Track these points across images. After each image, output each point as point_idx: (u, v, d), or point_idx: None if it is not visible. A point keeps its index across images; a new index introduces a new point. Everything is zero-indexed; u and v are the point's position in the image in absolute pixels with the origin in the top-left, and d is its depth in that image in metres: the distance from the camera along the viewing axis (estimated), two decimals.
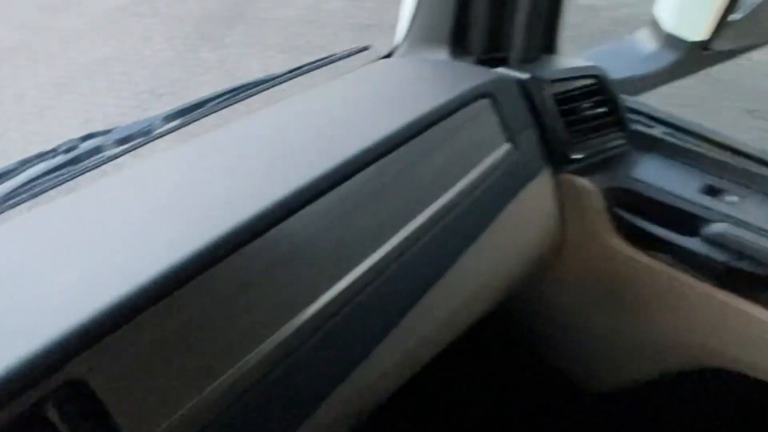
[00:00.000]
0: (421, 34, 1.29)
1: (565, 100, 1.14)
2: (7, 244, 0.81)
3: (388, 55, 1.32)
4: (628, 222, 1.15)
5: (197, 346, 0.73)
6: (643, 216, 1.14)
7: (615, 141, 1.18)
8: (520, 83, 1.12)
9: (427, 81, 1.16)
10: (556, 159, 1.16)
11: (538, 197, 1.16)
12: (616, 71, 1.25)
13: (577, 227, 1.21)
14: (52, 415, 0.62)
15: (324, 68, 1.33)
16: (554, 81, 1.13)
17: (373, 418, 0.98)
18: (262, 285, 0.79)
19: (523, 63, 1.19)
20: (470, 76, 1.11)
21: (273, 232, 0.80)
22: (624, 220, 1.16)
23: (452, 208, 1.00)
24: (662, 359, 1.29)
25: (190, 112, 1.17)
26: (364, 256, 0.88)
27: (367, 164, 0.91)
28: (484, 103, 1.07)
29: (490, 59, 1.22)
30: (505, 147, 1.09)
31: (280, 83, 1.25)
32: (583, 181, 1.17)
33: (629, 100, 1.24)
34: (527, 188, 1.13)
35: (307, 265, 0.83)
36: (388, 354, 0.92)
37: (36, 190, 0.98)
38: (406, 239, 0.93)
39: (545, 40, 1.22)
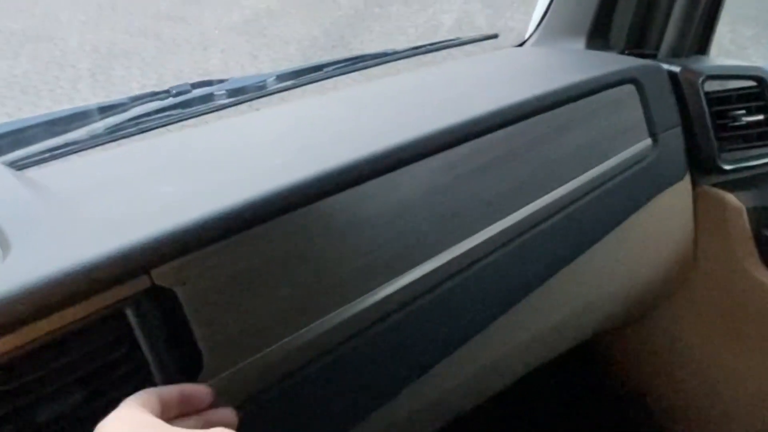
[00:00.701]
0: (556, 24, 1.20)
1: (719, 101, 1.02)
2: (120, 162, 0.76)
3: (521, 45, 1.24)
4: None
5: (300, 280, 0.64)
6: None
7: None
8: (671, 75, 1.01)
9: (566, 66, 1.06)
10: (701, 166, 1.03)
11: (674, 206, 1.04)
12: None
13: (713, 248, 1.07)
14: (132, 317, 0.54)
15: (447, 52, 1.26)
16: (710, 77, 1.01)
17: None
18: (375, 229, 0.69)
19: (674, 58, 1.07)
20: (615, 62, 1.00)
21: (392, 175, 0.71)
22: None
23: (579, 197, 0.89)
24: None
25: (306, 74, 1.11)
26: (481, 225, 0.78)
27: (494, 129, 0.81)
28: (629, 89, 0.96)
29: (634, 53, 1.11)
30: (646, 143, 0.98)
31: (400, 59, 1.18)
32: (729, 197, 1.03)
33: None
34: (664, 194, 1.01)
35: (424, 221, 0.73)
36: (489, 343, 0.81)
37: (143, 126, 0.94)
38: (524, 220, 0.83)
39: (698, 39, 1.11)
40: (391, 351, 0.70)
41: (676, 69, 1.01)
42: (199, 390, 0.52)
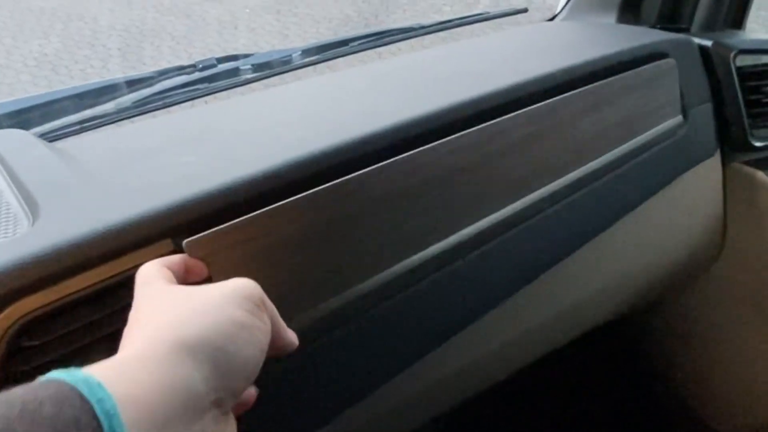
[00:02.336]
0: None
1: (752, 76, 1.00)
2: (147, 135, 0.76)
3: (551, 20, 1.22)
4: None
5: (345, 242, 0.64)
6: None
7: None
8: (703, 49, 0.99)
9: (595, 40, 1.04)
10: (732, 143, 1.01)
11: (703, 184, 1.02)
12: None
13: (743, 227, 1.05)
14: None
15: (476, 26, 1.25)
16: (742, 52, 0.99)
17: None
18: (414, 199, 0.69)
19: (706, 32, 1.05)
20: (645, 36, 0.98)
21: (426, 149, 0.71)
22: None
23: (607, 173, 0.88)
24: None
25: (332, 49, 1.10)
26: (511, 196, 0.78)
27: (521, 102, 0.80)
28: (660, 65, 0.95)
29: (666, 28, 1.09)
30: (677, 118, 0.96)
31: (427, 34, 1.17)
32: (760, 174, 1.02)
33: None
34: (693, 171, 0.99)
35: (457, 192, 0.73)
36: (515, 316, 0.81)
37: (169, 100, 0.95)
38: (556, 192, 0.82)
39: (733, 13, 1.08)
40: (417, 318, 0.71)
41: (708, 43, 0.99)
42: (198, 264, 0.53)
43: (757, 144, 1.00)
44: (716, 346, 1.20)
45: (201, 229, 0.56)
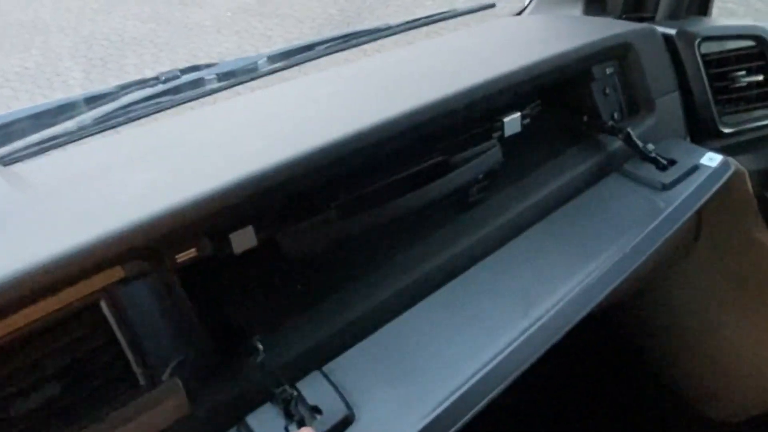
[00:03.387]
0: None
1: (718, 63, 0.99)
2: (105, 153, 0.76)
3: (519, 14, 1.21)
4: None
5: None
6: None
7: None
8: (666, 38, 0.98)
9: (563, 34, 1.03)
10: (700, 131, 1.01)
11: None
12: None
13: (717, 214, 1.05)
14: (107, 309, 0.54)
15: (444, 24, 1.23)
16: (706, 39, 0.98)
17: None
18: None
19: (671, 20, 1.04)
20: (611, 28, 0.98)
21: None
22: None
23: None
24: None
25: (298, 54, 1.09)
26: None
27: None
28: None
29: (632, 18, 1.09)
30: (643, 109, 0.96)
31: (395, 34, 1.16)
32: (730, 160, 1.01)
33: None
34: None
35: None
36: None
37: (133, 115, 0.94)
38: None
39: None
40: None
41: (672, 32, 0.98)
42: None
43: (726, 131, 1.00)
44: (702, 333, 1.20)
45: (150, 256, 0.55)
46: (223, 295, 0.66)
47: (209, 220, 0.59)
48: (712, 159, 0.89)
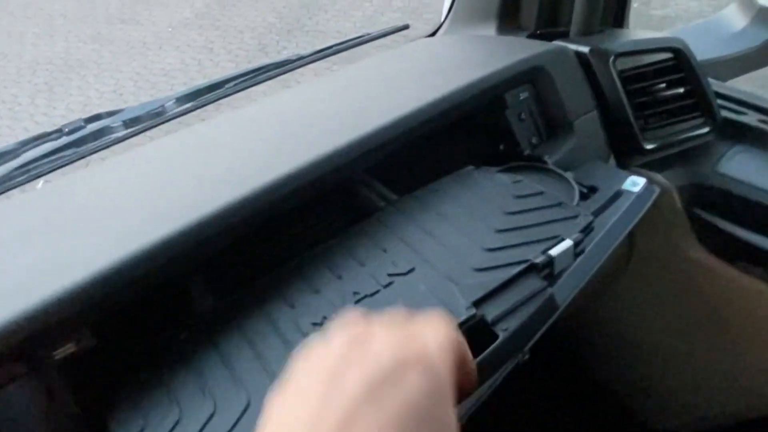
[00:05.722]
0: (466, 10, 1.13)
1: (636, 78, 0.96)
2: None
3: (432, 34, 1.17)
4: (712, 227, 0.96)
5: None
6: (729, 219, 0.95)
7: (697, 129, 0.99)
8: (580, 56, 0.95)
9: (473, 59, 1.00)
10: (624, 149, 0.98)
11: None
12: (699, 53, 1.06)
13: (648, 233, 1.02)
14: None
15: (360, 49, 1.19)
16: (621, 54, 0.95)
17: None
18: None
19: (586, 36, 1.01)
20: (523, 50, 0.94)
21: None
22: (706, 224, 0.97)
23: None
24: (755, 397, 1.07)
25: (205, 94, 1.04)
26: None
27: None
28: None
29: (546, 34, 1.05)
30: (561, 133, 0.92)
31: (306, 64, 1.11)
32: (657, 177, 0.98)
33: (712, 82, 1.04)
34: None
35: None
36: None
37: (34, 172, 0.89)
38: None
39: (613, 10, 1.04)
40: None
41: (585, 49, 0.95)
42: None
43: (649, 147, 0.97)
44: (648, 353, 1.18)
45: (22, 356, 0.51)
46: (115, 390, 0.61)
47: (87, 312, 0.55)
48: (635, 183, 0.85)
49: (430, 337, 0.37)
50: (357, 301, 0.61)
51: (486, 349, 0.55)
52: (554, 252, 0.64)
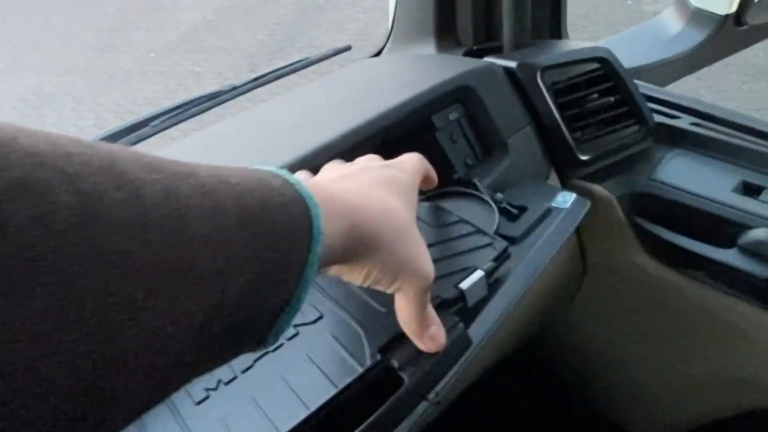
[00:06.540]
0: (406, 29, 1.13)
1: (567, 90, 0.95)
2: None
3: (377, 54, 1.17)
4: (654, 234, 0.95)
5: None
6: (669, 225, 0.94)
7: (631, 137, 0.98)
8: (508, 72, 0.94)
9: (408, 80, 0.98)
10: (562, 163, 0.96)
11: None
12: (634, 58, 1.05)
13: (596, 244, 1.01)
14: None
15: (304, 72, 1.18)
16: (548, 67, 0.94)
17: None
18: None
19: (518, 49, 1.00)
20: (449, 68, 0.93)
21: None
22: (649, 232, 0.95)
23: None
24: (712, 398, 1.06)
25: (131, 132, 1.01)
26: None
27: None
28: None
29: (482, 50, 1.04)
30: (496, 152, 0.91)
31: (239, 95, 1.09)
32: (596, 188, 0.97)
33: (646, 87, 1.03)
34: None
35: None
36: None
37: None
38: None
39: (547, 20, 1.03)
40: None
41: (513, 64, 0.94)
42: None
43: (584, 158, 0.95)
44: (614, 362, 1.17)
45: None
46: None
47: None
48: (565, 199, 0.84)
49: (406, 165, 0.55)
50: (257, 359, 0.59)
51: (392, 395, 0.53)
52: (464, 285, 0.63)
